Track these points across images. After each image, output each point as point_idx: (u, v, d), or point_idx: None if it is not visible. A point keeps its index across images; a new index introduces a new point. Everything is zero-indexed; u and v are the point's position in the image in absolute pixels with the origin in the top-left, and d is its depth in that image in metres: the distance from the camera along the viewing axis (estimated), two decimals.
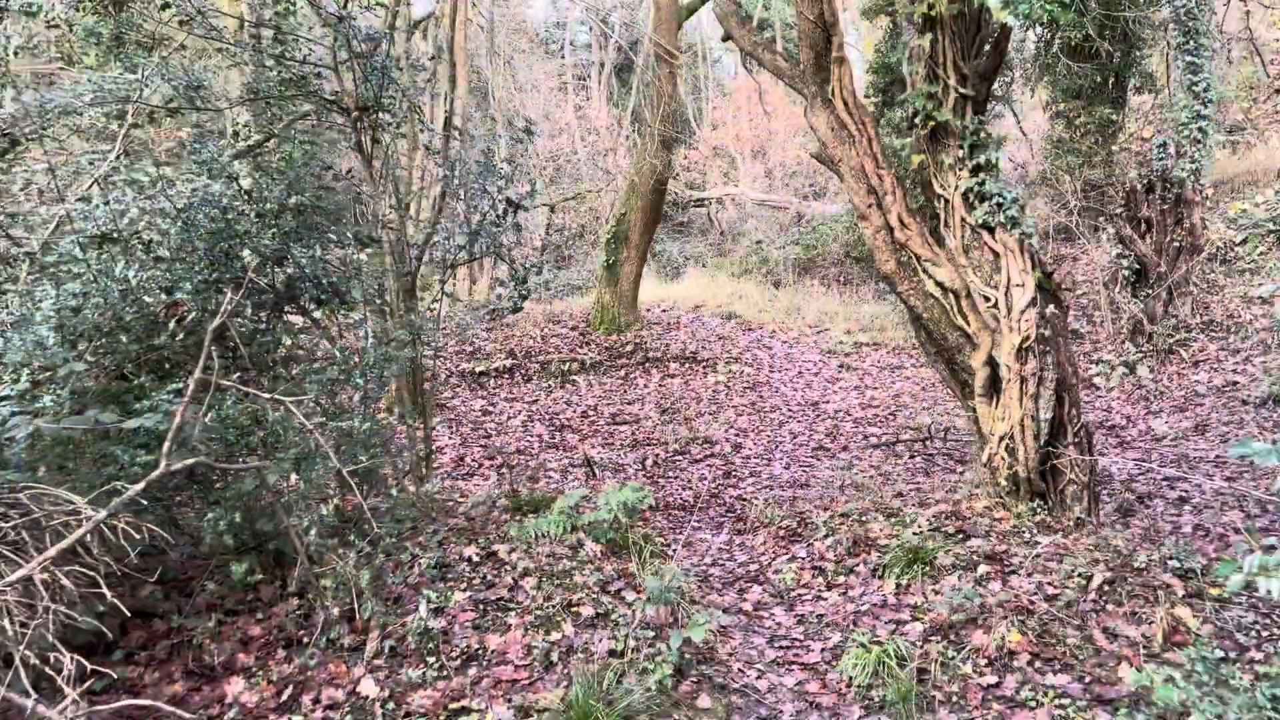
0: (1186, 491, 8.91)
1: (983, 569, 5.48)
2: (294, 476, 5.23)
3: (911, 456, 11.02)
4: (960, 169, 6.46)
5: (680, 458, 11.16)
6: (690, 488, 9.87)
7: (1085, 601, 5.09)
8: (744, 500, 9.29)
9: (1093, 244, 15.14)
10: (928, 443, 11.43)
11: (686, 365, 15.12)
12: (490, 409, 13.00)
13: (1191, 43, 13.15)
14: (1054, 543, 5.85)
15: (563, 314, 17.64)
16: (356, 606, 4.74)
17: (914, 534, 6.01)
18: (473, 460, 10.90)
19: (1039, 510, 6.46)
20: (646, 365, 15.10)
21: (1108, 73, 16.82)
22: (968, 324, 6.57)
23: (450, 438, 11.68)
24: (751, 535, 7.18)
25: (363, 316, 5.84)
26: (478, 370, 14.53)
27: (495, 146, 27.33)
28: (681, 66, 16.94)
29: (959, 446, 11.27)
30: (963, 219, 6.49)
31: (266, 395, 4.51)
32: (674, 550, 6.88)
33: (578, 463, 10.87)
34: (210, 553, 5.33)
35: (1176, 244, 13.28)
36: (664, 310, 18.82)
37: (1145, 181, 13.45)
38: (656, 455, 11.20)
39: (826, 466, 10.72)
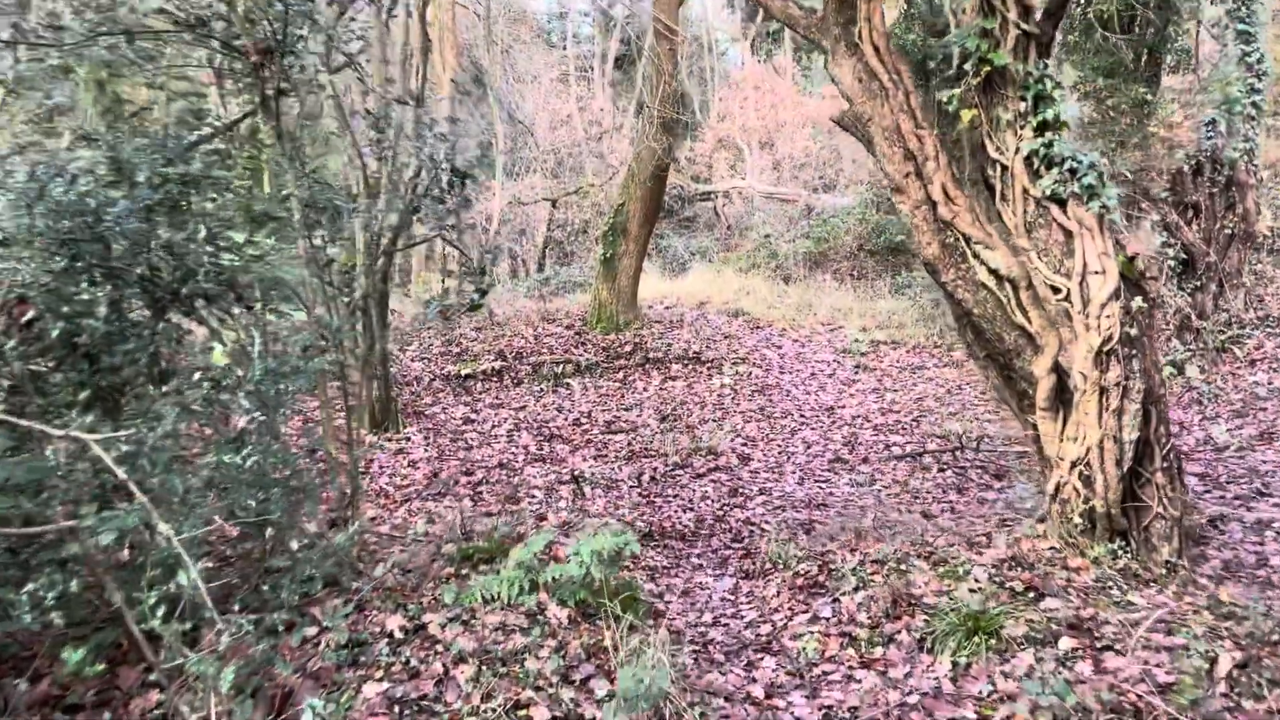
0: (1265, 513, 7.50)
1: (1066, 643, 4.09)
2: (160, 530, 3.88)
3: (941, 469, 9.62)
4: (1022, 126, 5.07)
5: (681, 472, 9.78)
6: (691, 508, 8.49)
7: (1213, 695, 3.71)
8: (752, 526, 7.91)
9: (1131, 233, 13.68)
10: (958, 454, 10.03)
11: (689, 366, 13.73)
12: (473, 416, 11.64)
13: (1244, 9, 11.70)
14: (1153, 602, 4.46)
15: (558, 312, 16.26)
16: (213, 714, 3.39)
17: (970, 590, 4.62)
18: (448, 476, 9.53)
19: (1120, 553, 5.06)
20: (646, 367, 13.72)
21: (1141, 49, 15.38)
22: (1029, 321, 5.18)
23: (425, 450, 10.32)
24: (762, 581, 5.80)
25: (256, 317, 4.48)
26: (463, 373, 13.17)
27: (494, 140, 25.97)
28: (682, 43, 15.54)
29: (994, 458, 9.86)
30: (1025, 190, 5.09)
31: (59, 431, 3.15)
32: (665, 601, 5.52)
33: (567, 478, 9.51)
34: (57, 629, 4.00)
35: (1228, 231, 11.84)
36: (666, 307, 17.43)
37: (1193, 163, 12.02)
38: (654, 469, 9.82)
39: (846, 482, 9.34)
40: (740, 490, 9.15)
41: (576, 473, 9.48)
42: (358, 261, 10.53)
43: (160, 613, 3.44)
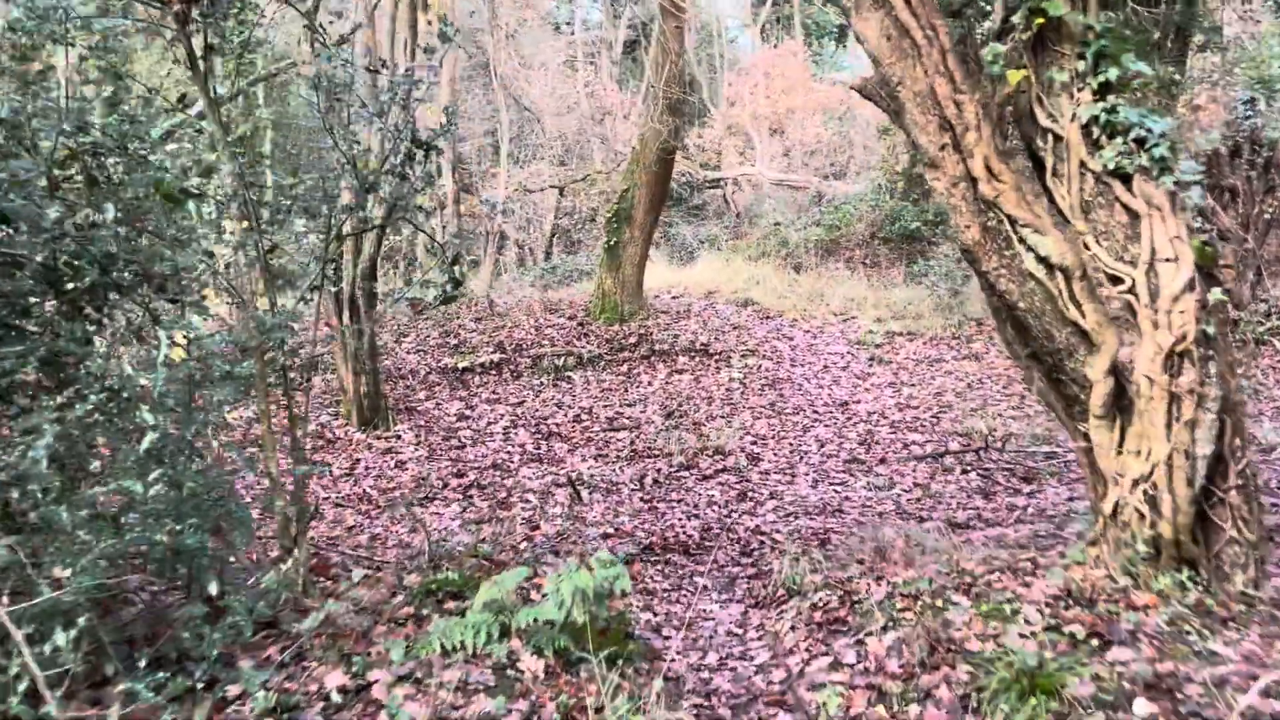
0: None
1: (1144, 708, 3.34)
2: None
3: (964, 471, 8.86)
4: (1080, 89, 4.28)
5: (686, 473, 9.03)
6: (697, 515, 7.75)
7: None
8: (763, 536, 7.16)
9: None
10: (982, 454, 9.26)
11: (697, 359, 12.97)
12: (468, 412, 10.91)
13: None
14: (1239, 651, 3.70)
15: (561, 302, 15.51)
16: None
17: (1022, 635, 3.87)
18: (438, 479, 8.81)
19: (1190, 585, 4.30)
20: (651, 359, 12.96)
21: (1168, 26, 14.50)
22: (1083, 316, 4.40)
23: (416, 449, 9.60)
24: (775, 612, 5.04)
25: (157, 311, 3.73)
26: (460, 366, 12.44)
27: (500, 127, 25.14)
28: (690, 21, 14.73)
29: (1021, 458, 9.09)
30: (1082, 164, 4.31)
31: None
32: (664, 636, 4.78)
33: (565, 480, 8.78)
34: None
35: (1267, 216, 11.02)
36: (674, 297, 16.66)
37: (1230, 144, 11.18)
38: (658, 471, 9.08)
39: (863, 485, 8.58)
40: (750, 494, 8.40)
41: (574, 476, 8.75)
42: (343, 249, 9.79)
43: (21, 688, 2.71)
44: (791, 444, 10.07)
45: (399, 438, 9.87)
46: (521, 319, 14.39)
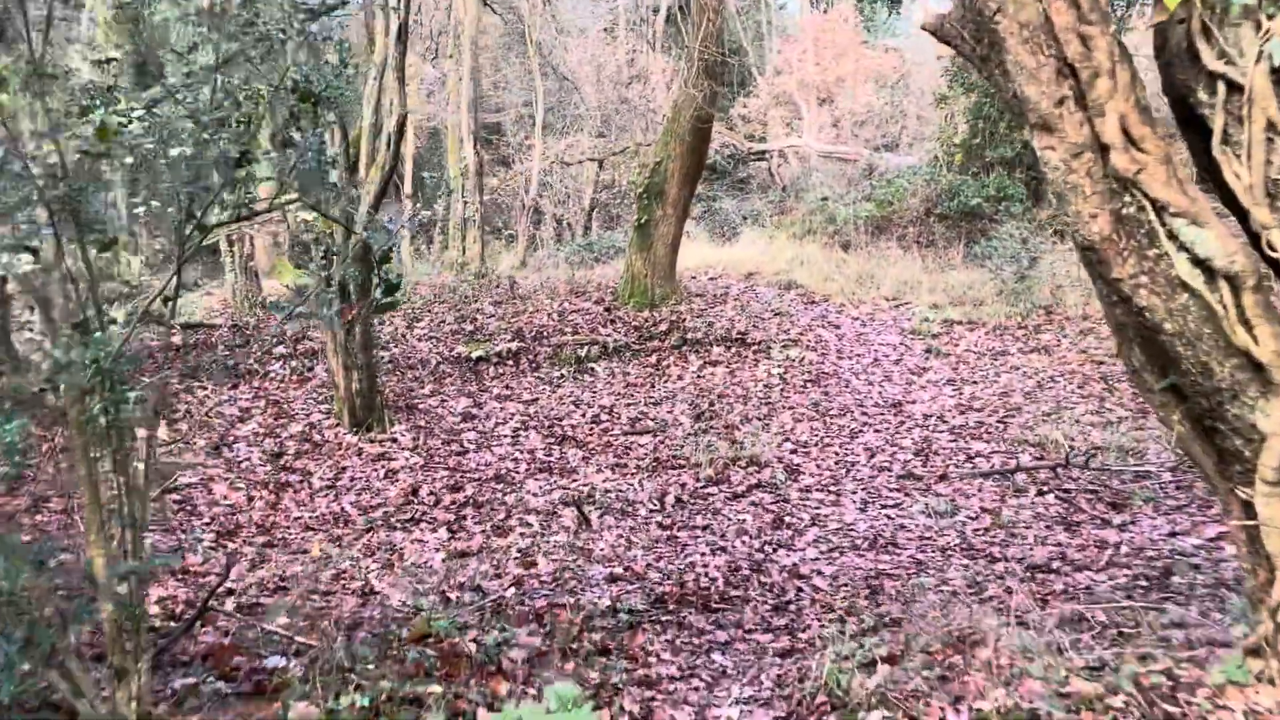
0: None
1: None
2: None
3: (1040, 492, 7.48)
4: (1271, 16, 2.90)
5: (715, 490, 7.76)
6: (723, 547, 6.48)
7: None
8: (801, 582, 5.87)
9: None
10: (1060, 471, 7.86)
11: (733, 349, 11.65)
12: (475, 411, 9.71)
13: None
14: None
15: (589, 284, 14.24)
16: None
17: None
18: (430, 493, 7.63)
19: None
20: (683, 349, 11.67)
21: None
22: (1257, 343, 3.05)
23: (411, 454, 8.42)
24: None
25: None
26: (474, 355, 11.25)
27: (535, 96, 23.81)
28: None
29: (1106, 477, 7.69)
30: (1272, 125, 2.94)
31: None
32: None
33: (575, 495, 7.55)
34: None
35: None
36: (711, 278, 15.32)
37: None
38: (682, 486, 7.81)
39: (920, 509, 7.25)
40: (787, 519, 7.11)
41: (583, 494, 7.50)
42: (334, 230, 8.62)
43: None
44: (837, 453, 8.74)
45: (394, 441, 8.70)
46: (545, 302, 13.16)
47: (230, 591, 5.36)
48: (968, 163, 17.80)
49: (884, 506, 7.44)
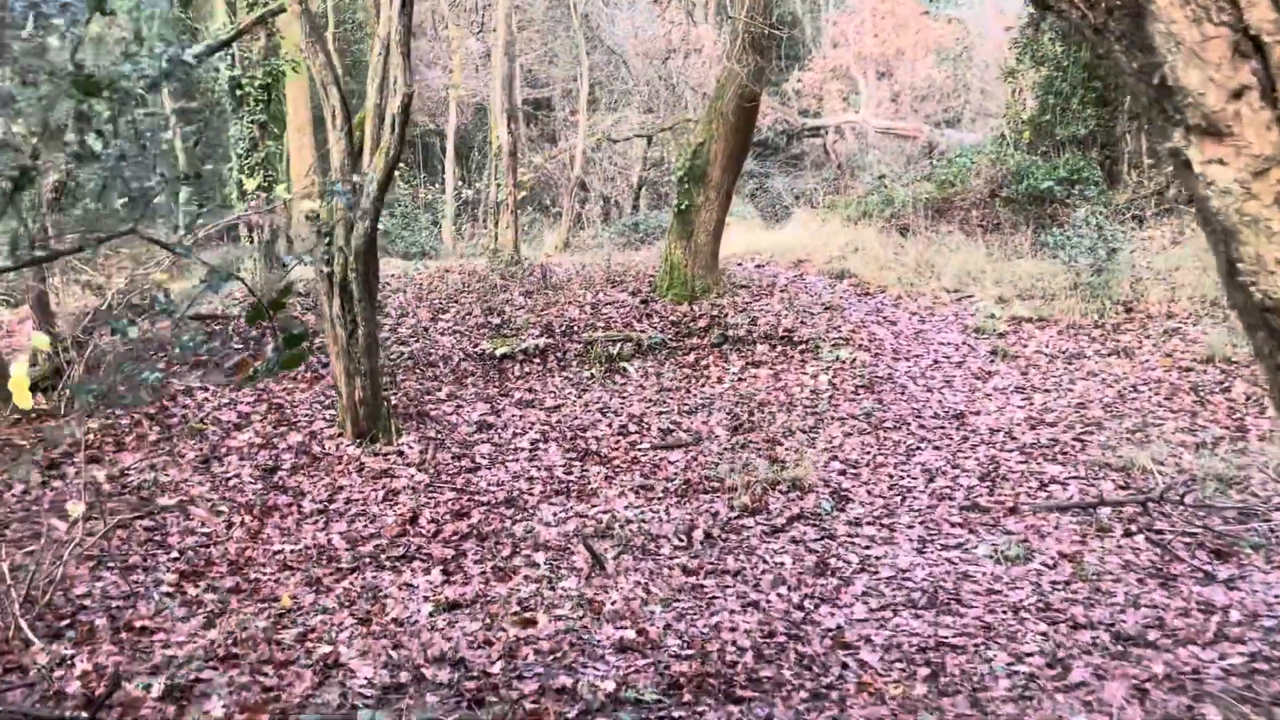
0: None
1: None
2: None
3: (1127, 532, 6.40)
4: None
5: (750, 523, 6.78)
6: (756, 603, 5.51)
7: None
8: (848, 656, 4.88)
9: None
10: (1150, 506, 6.75)
11: (778, 349, 10.61)
12: (492, 419, 8.82)
13: None
14: None
15: (627, 272, 13.26)
16: None
17: None
18: (431, 520, 6.75)
19: None
20: (724, 348, 10.66)
21: None
22: None
23: (417, 472, 7.56)
24: None
25: None
26: (498, 352, 10.36)
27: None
28: None
29: (1204, 515, 6.57)
30: None
31: None
32: None
33: (592, 526, 6.64)
34: None
35: None
36: (757, 266, 14.24)
37: None
38: (714, 516, 6.85)
39: (987, 552, 6.21)
40: (832, 562, 6.12)
41: (595, 532, 6.57)
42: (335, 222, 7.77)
43: None
44: (891, 475, 7.71)
45: (400, 454, 7.86)
46: (578, 293, 12.21)
47: (169, 662, 4.53)
48: (1036, 141, 16.43)
49: (945, 547, 6.41)
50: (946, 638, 5.06)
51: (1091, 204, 13.78)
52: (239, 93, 11.70)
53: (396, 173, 21.47)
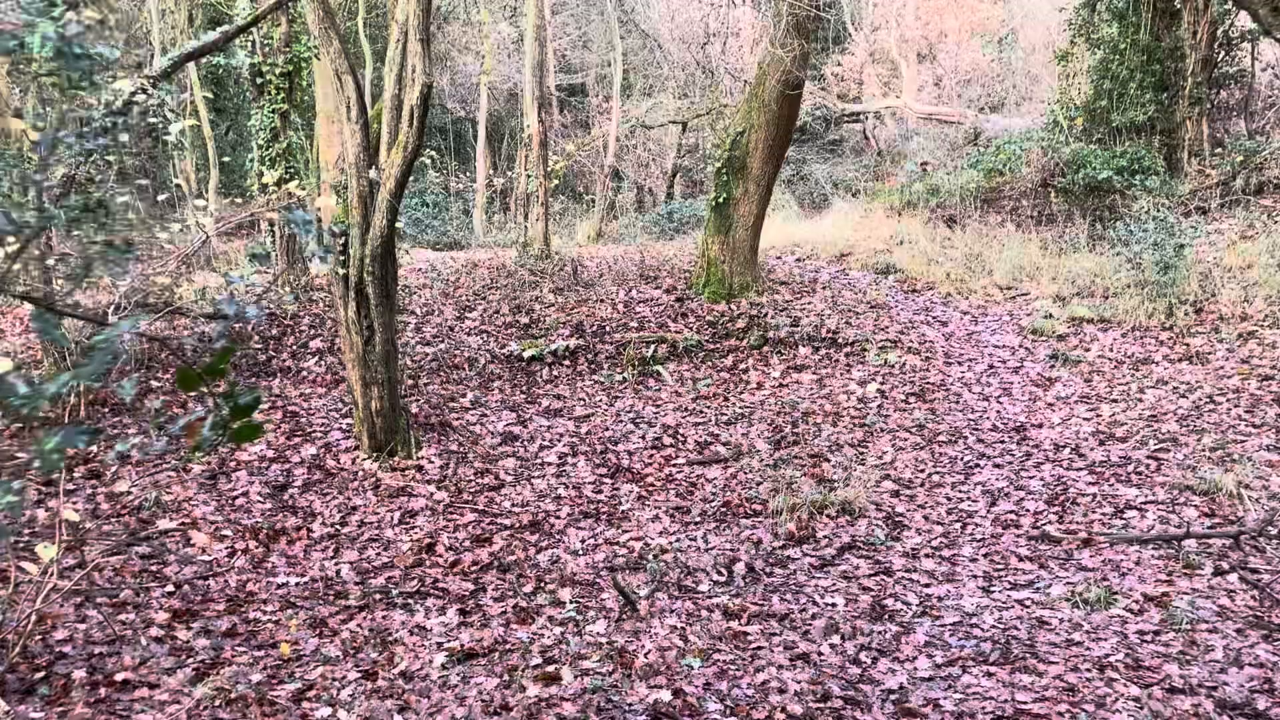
0: None
1: None
2: None
3: (1219, 571, 5.69)
4: None
5: (796, 554, 6.15)
6: (806, 656, 4.87)
7: None
8: None
9: None
10: (1243, 541, 6.02)
11: (822, 352, 9.93)
12: (519, 430, 8.23)
13: None
14: None
15: (661, 267, 12.60)
16: None
17: None
18: (449, 547, 6.17)
19: None
20: (764, 350, 10.00)
21: None
22: None
23: (436, 489, 6.99)
24: None
25: None
26: (526, 355, 9.77)
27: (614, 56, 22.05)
28: None
29: None
30: None
31: None
32: None
33: (624, 557, 6.03)
34: None
35: None
36: (797, 260, 13.52)
37: None
38: (756, 544, 6.22)
39: (1062, 592, 5.52)
40: (889, 604, 5.47)
41: (627, 564, 5.95)
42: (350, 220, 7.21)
43: None
44: (949, 497, 7.03)
45: (419, 469, 7.29)
46: (610, 289, 11.58)
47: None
48: (1091, 128, 15.52)
49: (1014, 585, 5.74)
50: (1025, 703, 4.41)
51: (1153, 195, 12.91)
52: (259, 81, 11.15)
53: (428, 160, 20.95)
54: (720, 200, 11.13)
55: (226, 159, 19.96)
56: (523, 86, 16.32)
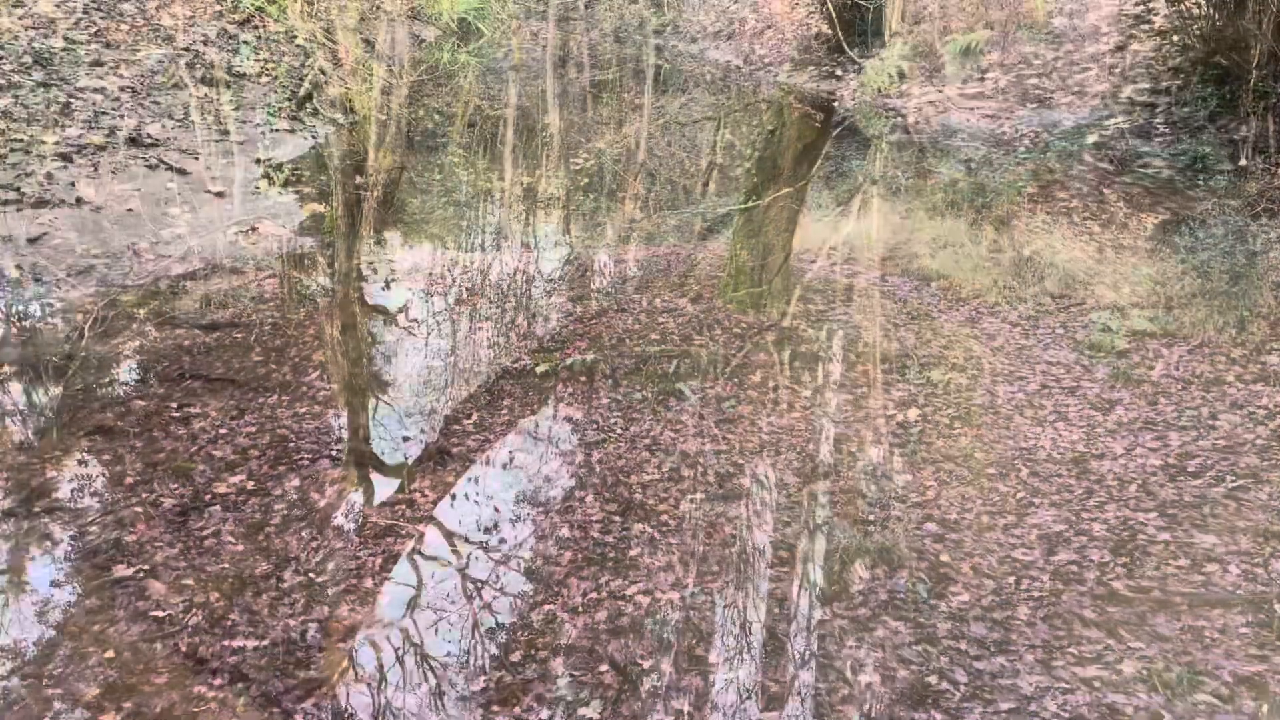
0: None
1: None
2: None
3: None
4: None
5: (825, 614, 5.34)
6: None
7: None
8: None
9: None
10: None
11: (858, 369, 9.07)
12: (524, 455, 7.49)
13: None
14: None
15: (689, 273, 11.77)
16: None
17: None
18: (429, 605, 5.43)
19: None
20: (795, 366, 9.17)
21: None
22: None
23: (424, 534, 6.26)
24: None
25: None
26: (539, 370, 9.03)
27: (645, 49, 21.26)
28: None
29: None
30: None
31: None
32: None
33: (630, 615, 5.27)
34: None
35: None
36: (832, 265, 12.64)
37: None
38: (779, 603, 5.43)
39: (1136, 672, 4.67)
40: (933, 681, 4.65)
41: (625, 631, 5.18)
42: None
43: None
44: (1000, 543, 6.18)
45: (410, 505, 6.57)
46: (632, 296, 10.80)
47: None
48: (1149, 123, 14.45)
49: (1079, 659, 4.90)
50: None
51: (1219, 196, 11.87)
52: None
53: (454, 159, 20.32)
54: (750, 202, 10.30)
55: None
56: (547, 82, 15.57)
